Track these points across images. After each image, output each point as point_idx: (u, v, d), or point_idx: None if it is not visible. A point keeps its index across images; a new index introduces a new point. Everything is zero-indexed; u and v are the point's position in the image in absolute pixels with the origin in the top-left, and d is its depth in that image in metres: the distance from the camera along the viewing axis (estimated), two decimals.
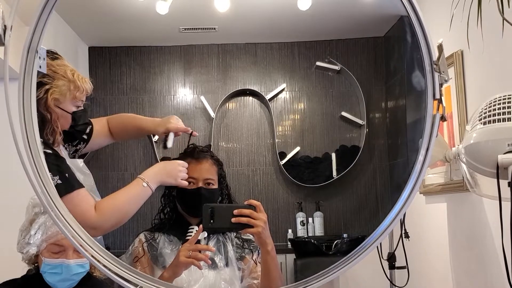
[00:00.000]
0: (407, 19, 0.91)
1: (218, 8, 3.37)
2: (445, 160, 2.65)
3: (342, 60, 4.22)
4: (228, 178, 1.94)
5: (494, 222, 2.40)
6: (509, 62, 2.20)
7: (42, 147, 0.98)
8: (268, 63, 4.33)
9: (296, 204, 4.21)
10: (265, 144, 4.26)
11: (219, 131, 4.24)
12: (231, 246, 1.80)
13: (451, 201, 2.83)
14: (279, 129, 4.28)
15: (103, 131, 1.88)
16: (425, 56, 0.86)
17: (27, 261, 1.67)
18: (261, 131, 4.27)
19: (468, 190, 2.55)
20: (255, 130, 4.27)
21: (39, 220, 1.63)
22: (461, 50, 2.55)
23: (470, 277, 2.62)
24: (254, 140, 4.26)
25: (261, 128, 4.27)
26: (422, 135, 0.87)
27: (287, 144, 4.27)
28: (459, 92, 2.59)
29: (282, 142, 4.26)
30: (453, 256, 2.80)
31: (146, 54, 4.29)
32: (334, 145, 4.24)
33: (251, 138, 4.26)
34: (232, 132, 4.27)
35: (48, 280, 1.60)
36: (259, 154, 4.26)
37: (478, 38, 2.06)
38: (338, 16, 3.82)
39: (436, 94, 0.87)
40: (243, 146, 4.25)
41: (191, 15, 3.76)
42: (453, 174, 2.69)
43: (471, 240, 2.60)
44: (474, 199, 2.53)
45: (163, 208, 1.86)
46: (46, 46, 0.93)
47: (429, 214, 3.10)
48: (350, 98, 4.25)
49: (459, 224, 2.74)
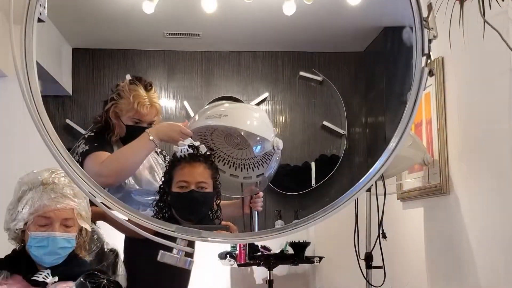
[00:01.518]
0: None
1: (204, 10, 3.40)
2: (423, 164, 2.72)
3: (324, 72, 4.30)
4: None
5: (470, 225, 2.46)
6: (489, 68, 2.28)
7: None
8: (251, 72, 4.39)
9: (275, 211, 4.24)
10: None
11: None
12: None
13: (428, 206, 2.89)
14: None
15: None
16: (416, 13, 0.90)
17: (14, 238, 1.67)
18: None
19: (445, 194, 2.63)
20: None
21: (27, 196, 1.64)
22: (442, 56, 2.63)
23: (446, 278, 2.67)
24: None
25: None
26: (411, 88, 0.91)
27: None
28: (439, 99, 2.67)
29: None
30: (429, 258, 2.85)
31: (129, 58, 4.30)
32: (314, 155, 4.30)
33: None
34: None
35: (34, 254, 1.60)
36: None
37: (459, 42, 2.14)
38: (321, 29, 3.90)
39: (425, 50, 0.92)
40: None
41: (176, 20, 3.79)
42: (430, 178, 2.76)
43: (447, 242, 2.65)
44: (451, 203, 2.59)
45: (156, 214, 1.88)
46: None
47: (406, 219, 3.16)
48: (332, 109, 4.32)
49: (435, 228, 2.80)
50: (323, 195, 4.20)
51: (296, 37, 4.04)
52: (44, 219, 1.60)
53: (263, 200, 2.12)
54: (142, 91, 2.05)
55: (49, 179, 1.66)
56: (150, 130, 1.94)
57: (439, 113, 2.66)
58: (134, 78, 2.10)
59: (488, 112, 2.29)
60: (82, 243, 1.72)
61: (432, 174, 2.73)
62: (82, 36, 4.09)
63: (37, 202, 1.60)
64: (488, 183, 2.30)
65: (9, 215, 1.66)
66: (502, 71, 2.14)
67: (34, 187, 1.65)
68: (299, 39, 4.10)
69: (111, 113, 2.06)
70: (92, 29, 3.93)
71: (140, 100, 2.03)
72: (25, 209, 1.61)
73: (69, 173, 0.91)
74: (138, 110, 2.02)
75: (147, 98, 2.05)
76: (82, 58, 4.27)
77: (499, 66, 2.15)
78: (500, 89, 2.16)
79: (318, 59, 4.36)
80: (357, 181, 0.99)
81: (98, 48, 4.26)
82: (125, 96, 2.04)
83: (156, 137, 1.91)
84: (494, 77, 2.21)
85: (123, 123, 2.06)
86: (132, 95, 2.03)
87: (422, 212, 2.94)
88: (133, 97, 2.02)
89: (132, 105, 2.01)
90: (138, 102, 2.02)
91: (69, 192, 1.66)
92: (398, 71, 2.87)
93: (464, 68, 2.49)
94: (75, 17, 3.71)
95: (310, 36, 4.02)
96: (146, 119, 2.06)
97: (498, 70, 2.18)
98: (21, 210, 1.62)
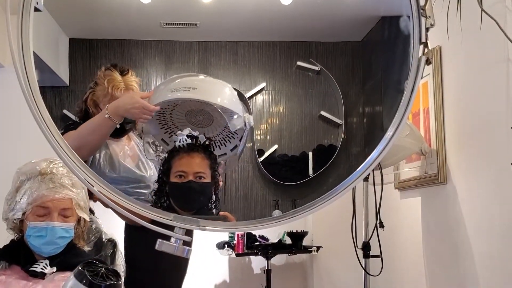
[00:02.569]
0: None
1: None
2: (420, 153, 2.72)
3: (321, 62, 4.30)
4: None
5: (467, 214, 2.47)
6: (487, 57, 2.28)
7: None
8: (249, 62, 4.38)
9: (273, 201, 4.25)
10: None
11: None
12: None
13: (425, 195, 2.90)
14: (258, 127, 4.32)
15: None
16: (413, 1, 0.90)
17: (12, 228, 1.67)
18: None
19: (443, 183, 2.63)
20: None
21: (25, 186, 1.64)
22: (440, 46, 2.63)
23: (443, 267, 2.68)
24: None
25: None
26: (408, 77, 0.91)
27: (265, 142, 4.31)
28: (437, 88, 2.67)
29: (260, 140, 4.30)
30: (426, 247, 2.86)
31: (126, 48, 4.29)
32: (311, 144, 4.30)
33: None
34: None
35: (33, 243, 1.60)
36: None
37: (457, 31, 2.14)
38: (318, 18, 3.88)
39: (422, 38, 0.92)
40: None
41: (173, 9, 3.78)
42: (428, 168, 2.77)
43: (444, 231, 2.66)
44: (448, 192, 2.60)
45: (154, 203, 1.88)
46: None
47: (403, 208, 3.17)
48: (329, 99, 4.31)
49: (433, 217, 2.81)
50: (321, 184, 4.21)
51: (294, 27, 4.03)
52: (43, 209, 1.60)
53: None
54: (117, 75, 2.04)
55: (47, 169, 1.66)
56: (109, 106, 1.87)
57: (437, 103, 2.66)
58: (110, 65, 2.11)
59: (485, 102, 2.30)
60: (81, 233, 1.72)
61: (429, 163, 2.74)
62: (79, 26, 4.07)
63: (35, 192, 1.60)
64: (485, 172, 2.31)
65: (7, 205, 1.66)
66: (499, 60, 2.14)
67: (32, 177, 1.65)
68: (297, 29, 4.09)
69: (89, 102, 2.06)
70: (89, 19, 3.91)
71: (114, 83, 2.01)
72: (23, 199, 1.61)
73: (67, 163, 0.91)
74: (113, 94, 2.00)
75: (122, 82, 2.03)
76: (79, 48, 4.26)
77: (497, 55, 2.15)
78: (498, 78, 2.16)
79: (316, 48, 4.35)
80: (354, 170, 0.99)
81: (95, 38, 4.25)
82: (101, 83, 2.03)
83: (115, 114, 1.84)
84: (492, 66, 2.21)
85: (101, 110, 2.02)
86: (106, 79, 2.02)
87: (419, 201, 2.95)
88: (107, 81, 2.01)
89: (107, 89, 2.00)
90: (113, 86, 2.01)
91: (67, 182, 1.66)
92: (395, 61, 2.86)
93: (462, 57, 2.49)
94: (72, 7, 3.69)
95: (307, 25, 4.01)
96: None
97: (495, 59, 2.18)
98: (19, 200, 1.62)
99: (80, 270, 1.23)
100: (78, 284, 1.21)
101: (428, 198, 2.87)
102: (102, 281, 1.23)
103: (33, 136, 1.49)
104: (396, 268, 3.14)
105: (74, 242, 1.70)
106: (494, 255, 2.24)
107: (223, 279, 4.51)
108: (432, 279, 2.80)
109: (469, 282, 2.42)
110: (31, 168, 1.67)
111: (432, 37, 0.96)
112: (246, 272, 4.52)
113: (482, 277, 2.33)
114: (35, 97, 0.89)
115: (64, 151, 0.88)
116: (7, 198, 1.68)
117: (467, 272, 2.44)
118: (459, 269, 2.51)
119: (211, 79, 2.02)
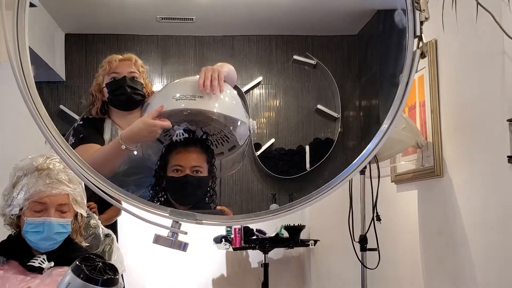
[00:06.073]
0: None
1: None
2: (417, 146, 2.73)
3: (317, 56, 4.29)
4: None
5: (463, 207, 2.48)
6: (482, 50, 2.28)
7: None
8: (245, 56, 4.37)
9: (270, 195, 4.25)
10: None
11: None
12: None
13: (421, 188, 2.91)
14: (254, 121, 4.31)
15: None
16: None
17: (9, 224, 1.68)
18: None
19: (439, 176, 2.64)
20: None
21: (22, 181, 1.64)
22: (435, 39, 2.64)
23: (440, 259, 2.69)
24: None
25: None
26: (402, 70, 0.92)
27: (262, 136, 4.31)
28: (432, 81, 2.67)
29: (257, 134, 4.30)
30: (423, 240, 2.88)
31: (123, 43, 4.28)
32: (308, 138, 4.30)
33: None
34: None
35: (30, 239, 1.61)
36: None
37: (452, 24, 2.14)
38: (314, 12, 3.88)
39: (417, 31, 0.92)
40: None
41: (169, 4, 3.77)
42: (424, 161, 2.78)
43: (441, 224, 2.67)
44: (444, 185, 2.61)
45: (152, 198, 1.88)
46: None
47: (400, 201, 3.18)
48: (326, 92, 4.31)
49: (429, 210, 2.82)
50: (318, 178, 4.21)
51: (289, 21, 4.02)
52: (40, 204, 1.60)
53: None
54: (115, 55, 2.09)
55: (44, 165, 1.67)
56: (122, 136, 1.77)
57: (433, 96, 2.67)
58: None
59: (481, 94, 2.30)
60: (78, 229, 1.73)
61: (425, 156, 2.74)
62: (74, 21, 4.06)
63: (32, 187, 1.60)
64: (481, 165, 2.32)
65: (4, 201, 1.66)
66: (495, 53, 2.14)
67: (29, 173, 1.65)
68: (292, 23, 4.08)
69: (94, 88, 2.08)
70: (85, 14, 3.90)
71: (111, 58, 2.06)
72: (20, 195, 1.62)
73: (64, 159, 0.91)
74: (110, 65, 2.03)
75: (120, 55, 2.09)
76: (75, 43, 4.24)
77: (492, 48, 2.16)
78: (493, 71, 2.16)
79: (312, 42, 4.35)
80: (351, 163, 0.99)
81: (91, 34, 4.23)
82: (101, 66, 2.09)
83: (130, 143, 1.75)
84: (487, 59, 2.22)
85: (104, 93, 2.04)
86: (104, 61, 2.09)
87: (416, 194, 2.96)
88: (105, 61, 2.07)
89: (105, 66, 2.05)
90: (109, 60, 2.05)
91: (64, 177, 1.66)
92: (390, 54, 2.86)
93: (457, 50, 2.49)
94: (67, 2, 3.67)
95: (303, 19, 4.00)
96: (120, 71, 2.03)
97: (491, 52, 2.18)
98: (16, 196, 1.63)
99: (77, 265, 1.23)
100: (75, 279, 1.21)
101: (424, 191, 2.88)
102: (99, 275, 1.23)
103: (30, 132, 1.49)
104: (393, 261, 3.15)
105: (72, 237, 1.71)
106: (490, 247, 2.25)
107: (221, 273, 4.53)
108: (429, 271, 2.81)
109: (465, 274, 2.44)
110: (28, 164, 1.68)
111: (427, 30, 0.96)
112: (244, 266, 4.54)
113: (478, 268, 2.34)
114: (31, 93, 0.90)
115: (61, 146, 0.89)
116: (4, 193, 1.68)
117: (464, 263, 2.45)
118: (455, 261, 2.53)
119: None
